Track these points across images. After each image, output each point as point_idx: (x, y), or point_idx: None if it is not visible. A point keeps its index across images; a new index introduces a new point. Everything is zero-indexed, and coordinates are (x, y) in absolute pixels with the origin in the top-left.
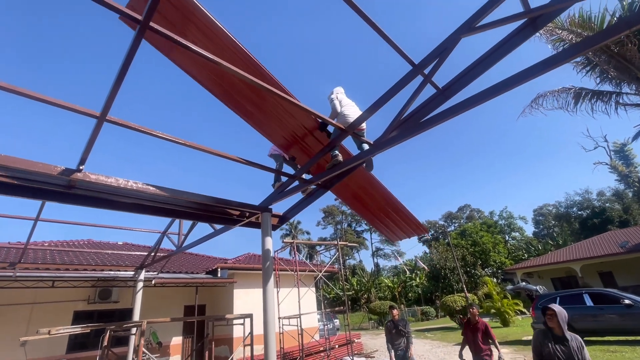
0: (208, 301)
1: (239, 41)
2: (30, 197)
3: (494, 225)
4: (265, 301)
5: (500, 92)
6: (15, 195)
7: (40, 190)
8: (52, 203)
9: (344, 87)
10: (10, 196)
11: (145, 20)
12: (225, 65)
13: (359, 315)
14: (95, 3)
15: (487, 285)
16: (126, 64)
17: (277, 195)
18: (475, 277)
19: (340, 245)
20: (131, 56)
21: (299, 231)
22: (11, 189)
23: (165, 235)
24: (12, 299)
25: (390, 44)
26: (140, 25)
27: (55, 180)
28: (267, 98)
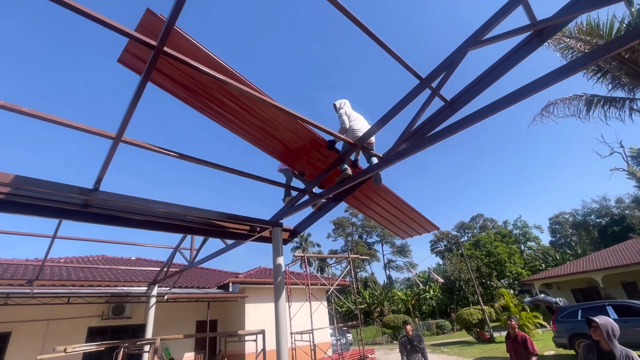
0: (220, 316)
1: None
2: (49, 216)
3: (509, 235)
4: (278, 317)
5: (511, 103)
6: (36, 214)
7: (58, 209)
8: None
9: (350, 100)
10: (32, 216)
11: (151, 65)
12: (234, 85)
13: (372, 329)
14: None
15: (504, 297)
16: (138, 92)
17: (288, 209)
18: (491, 289)
19: (351, 257)
20: (141, 90)
21: (309, 244)
22: (32, 208)
23: (178, 250)
24: (29, 315)
25: (397, 59)
26: (149, 64)
27: (73, 199)
28: (272, 120)
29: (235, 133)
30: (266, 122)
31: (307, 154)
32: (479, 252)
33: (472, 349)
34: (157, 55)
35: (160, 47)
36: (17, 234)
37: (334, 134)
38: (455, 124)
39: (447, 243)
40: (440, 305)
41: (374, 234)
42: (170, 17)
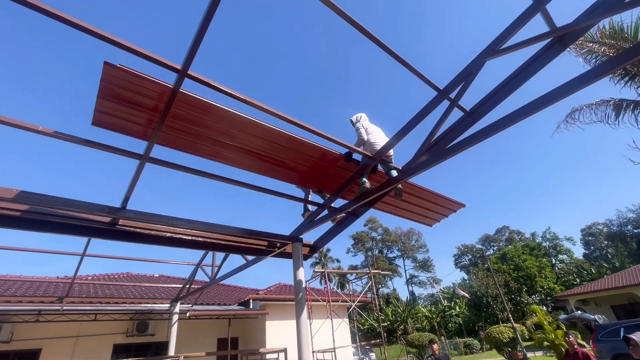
0: (241, 334)
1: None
2: (80, 235)
3: (538, 248)
4: (300, 334)
5: (533, 111)
6: (68, 233)
7: (88, 227)
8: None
9: (367, 113)
10: (64, 234)
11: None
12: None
13: (396, 348)
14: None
15: (537, 314)
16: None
17: (307, 224)
18: (521, 305)
19: (372, 273)
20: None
21: (328, 259)
22: (65, 227)
23: (200, 267)
24: (58, 332)
25: (415, 72)
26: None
27: (101, 218)
28: (278, 148)
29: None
30: (272, 151)
31: (324, 171)
32: (506, 266)
33: None
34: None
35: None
36: (49, 252)
37: (352, 147)
38: (475, 134)
39: (471, 257)
40: (467, 322)
41: (394, 248)
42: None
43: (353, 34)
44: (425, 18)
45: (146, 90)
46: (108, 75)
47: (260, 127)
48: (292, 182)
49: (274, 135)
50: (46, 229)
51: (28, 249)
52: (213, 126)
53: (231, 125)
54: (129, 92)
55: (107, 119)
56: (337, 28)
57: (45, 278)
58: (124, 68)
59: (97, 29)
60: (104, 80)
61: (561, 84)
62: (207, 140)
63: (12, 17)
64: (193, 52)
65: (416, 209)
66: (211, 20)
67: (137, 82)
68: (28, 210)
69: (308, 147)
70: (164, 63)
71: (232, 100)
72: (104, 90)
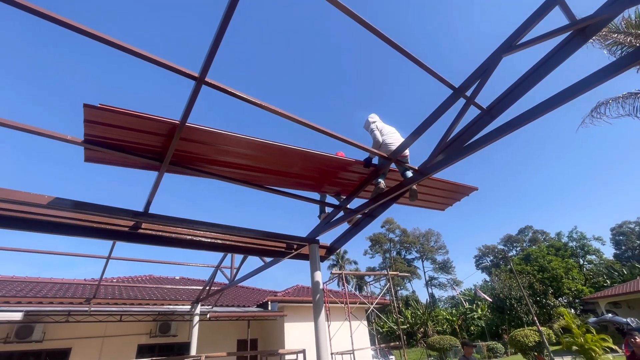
0: (260, 335)
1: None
2: (106, 238)
3: (564, 248)
4: (318, 336)
5: (554, 107)
6: (95, 237)
7: (113, 231)
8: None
9: (378, 114)
10: (91, 238)
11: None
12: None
13: (417, 351)
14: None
15: (564, 317)
16: (186, 112)
17: (324, 226)
18: (547, 308)
19: (390, 275)
20: (191, 103)
21: (346, 261)
22: (91, 231)
23: (219, 269)
24: (86, 332)
25: (428, 71)
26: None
27: (125, 222)
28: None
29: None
30: (283, 165)
31: (338, 177)
32: (530, 267)
33: None
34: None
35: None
36: (77, 255)
37: (367, 149)
38: (493, 132)
39: (493, 258)
40: (490, 325)
41: (413, 249)
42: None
43: (362, 34)
44: (435, 15)
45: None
46: (90, 115)
47: (272, 147)
48: (311, 190)
49: (290, 153)
50: (75, 233)
51: (57, 252)
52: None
53: (243, 147)
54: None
55: (98, 155)
56: (345, 27)
57: (74, 280)
58: (104, 107)
59: (121, 42)
60: (88, 121)
61: (585, 77)
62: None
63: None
64: (210, 59)
65: (426, 196)
66: (228, 24)
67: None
68: (58, 215)
69: (321, 158)
70: (182, 71)
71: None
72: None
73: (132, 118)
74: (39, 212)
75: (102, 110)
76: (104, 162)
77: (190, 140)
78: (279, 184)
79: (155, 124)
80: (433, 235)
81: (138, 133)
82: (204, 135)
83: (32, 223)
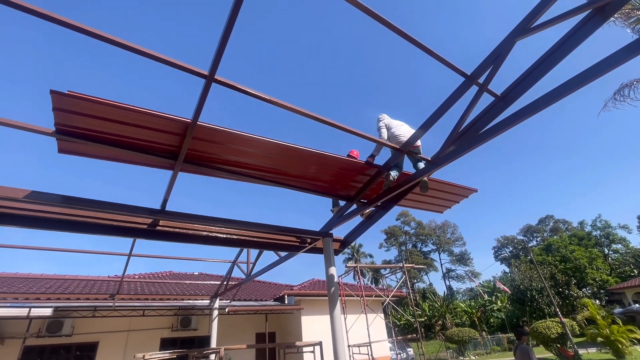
0: (277, 329)
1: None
2: (125, 236)
3: (587, 237)
4: (334, 328)
5: (571, 90)
6: (116, 234)
7: (133, 229)
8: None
9: (389, 109)
10: (112, 236)
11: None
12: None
13: (435, 343)
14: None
15: (588, 308)
16: (198, 109)
17: (337, 220)
18: (570, 299)
19: (406, 267)
20: (202, 100)
21: (361, 255)
22: (112, 229)
23: (236, 264)
24: (112, 327)
25: (438, 59)
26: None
27: (144, 219)
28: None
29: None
30: (298, 167)
31: (353, 180)
32: (551, 258)
33: None
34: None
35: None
36: (100, 253)
37: (377, 140)
38: (508, 119)
39: (512, 249)
40: (510, 317)
41: (429, 242)
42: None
43: (367, 25)
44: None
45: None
46: (58, 102)
47: (288, 148)
48: (325, 191)
49: (307, 155)
50: (97, 231)
51: (82, 250)
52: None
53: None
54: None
55: (72, 146)
56: (348, 18)
57: (98, 277)
58: (73, 94)
59: (129, 42)
60: (57, 109)
61: (605, 57)
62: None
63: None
64: (219, 56)
65: (425, 197)
66: (235, 21)
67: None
68: (82, 215)
69: (337, 162)
70: (192, 70)
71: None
72: (59, 114)
73: (138, 115)
74: (65, 212)
75: (74, 99)
76: (81, 154)
77: (203, 139)
78: (293, 185)
79: (167, 122)
80: (449, 227)
81: (148, 130)
82: (216, 134)
83: (60, 223)
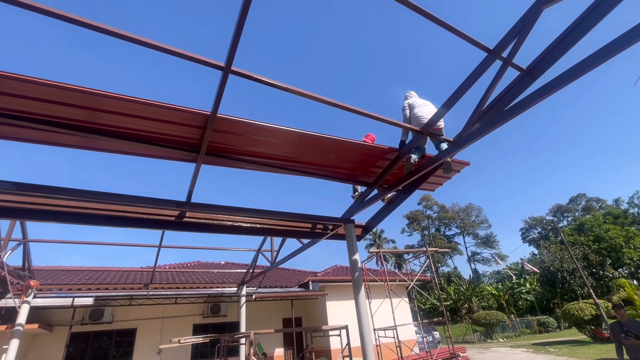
0: (303, 314)
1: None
2: (154, 228)
3: (623, 215)
4: (359, 312)
5: (603, 60)
6: (146, 227)
7: (161, 221)
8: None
9: (412, 88)
10: (142, 228)
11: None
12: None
13: (461, 327)
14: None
15: (625, 288)
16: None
17: (358, 205)
18: (605, 280)
19: (430, 251)
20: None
21: (383, 240)
22: (142, 222)
23: (260, 252)
24: (148, 314)
25: (458, 34)
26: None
27: (171, 212)
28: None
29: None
30: (318, 154)
31: (374, 166)
32: (584, 238)
33: (587, 350)
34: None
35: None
36: (133, 245)
37: (397, 123)
38: (535, 94)
39: (541, 230)
40: (540, 300)
41: (452, 225)
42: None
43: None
44: None
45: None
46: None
47: (308, 137)
48: (345, 177)
49: (326, 142)
50: (129, 224)
51: (117, 243)
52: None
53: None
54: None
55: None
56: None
57: (132, 268)
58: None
59: (140, 37)
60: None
61: (636, 25)
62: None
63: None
64: (234, 48)
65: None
66: (247, 11)
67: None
68: (114, 210)
69: (352, 145)
70: (208, 62)
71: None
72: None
73: (160, 110)
74: (101, 207)
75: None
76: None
77: (223, 131)
78: (313, 172)
79: (188, 116)
80: (474, 209)
81: (171, 125)
82: (236, 125)
83: (95, 218)
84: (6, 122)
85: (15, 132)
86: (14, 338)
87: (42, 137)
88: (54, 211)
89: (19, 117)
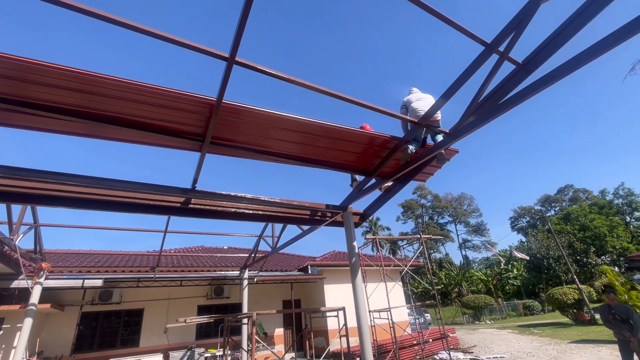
0: (302, 296)
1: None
2: (161, 214)
3: (608, 206)
4: (356, 294)
5: (598, 54)
6: (153, 213)
7: (167, 207)
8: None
9: (412, 83)
10: (149, 214)
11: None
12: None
13: (451, 309)
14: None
15: (606, 274)
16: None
17: (356, 194)
18: (588, 267)
19: (423, 238)
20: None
21: (379, 227)
22: (149, 208)
23: (262, 238)
24: (154, 295)
25: (457, 27)
26: None
27: (177, 198)
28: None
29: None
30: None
31: (373, 153)
32: (570, 227)
33: (569, 331)
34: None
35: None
36: (140, 230)
37: (395, 114)
38: (529, 87)
39: (530, 219)
40: (526, 285)
41: (445, 214)
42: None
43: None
44: None
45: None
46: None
47: (315, 125)
48: (346, 166)
49: (332, 131)
50: (137, 210)
51: (125, 228)
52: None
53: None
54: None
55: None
56: None
57: (139, 252)
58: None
59: (144, 26)
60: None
61: (632, 20)
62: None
63: None
64: (238, 38)
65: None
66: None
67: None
68: (124, 196)
69: (357, 134)
70: (213, 53)
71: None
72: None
73: (165, 95)
74: (104, 193)
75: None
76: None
77: (228, 119)
78: (316, 162)
79: (192, 102)
80: (466, 199)
81: (175, 111)
82: (241, 113)
83: (105, 203)
84: (6, 108)
85: (16, 118)
86: (28, 317)
87: (43, 123)
88: (64, 197)
89: (19, 103)
